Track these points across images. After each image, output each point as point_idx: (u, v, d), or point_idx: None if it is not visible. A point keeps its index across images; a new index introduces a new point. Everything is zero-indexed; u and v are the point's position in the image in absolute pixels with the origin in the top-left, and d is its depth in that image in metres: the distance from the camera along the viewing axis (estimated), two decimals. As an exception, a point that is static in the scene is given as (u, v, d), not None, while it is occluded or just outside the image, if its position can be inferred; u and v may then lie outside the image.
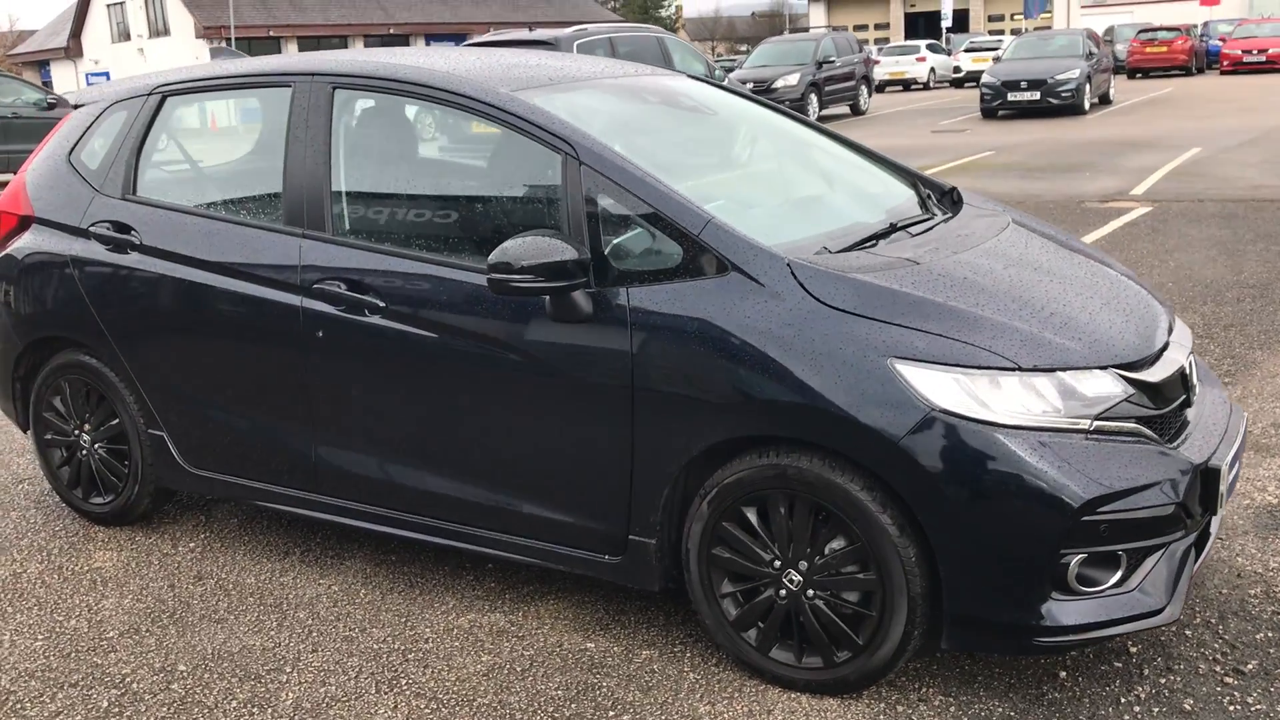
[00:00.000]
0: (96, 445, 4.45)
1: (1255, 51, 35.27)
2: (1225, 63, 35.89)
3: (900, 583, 2.99)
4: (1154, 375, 3.14)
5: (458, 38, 54.06)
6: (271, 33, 47.06)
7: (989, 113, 23.30)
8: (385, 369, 3.65)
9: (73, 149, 4.45)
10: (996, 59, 26.63)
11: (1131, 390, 3.05)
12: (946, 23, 41.81)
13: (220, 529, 4.49)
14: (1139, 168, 14.14)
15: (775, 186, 4.07)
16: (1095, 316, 3.24)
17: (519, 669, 3.40)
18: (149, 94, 4.31)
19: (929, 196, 4.12)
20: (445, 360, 3.53)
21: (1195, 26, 40.95)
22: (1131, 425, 3.01)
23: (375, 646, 3.56)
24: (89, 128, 4.45)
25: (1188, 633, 3.40)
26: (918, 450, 2.89)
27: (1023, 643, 2.96)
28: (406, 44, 52.56)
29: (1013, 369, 2.95)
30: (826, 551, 3.10)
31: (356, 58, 3.97)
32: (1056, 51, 23.95)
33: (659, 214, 3.27)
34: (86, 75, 52.61)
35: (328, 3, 50.39)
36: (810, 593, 3.14)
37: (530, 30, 14.38)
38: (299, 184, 3.83)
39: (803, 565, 3.13)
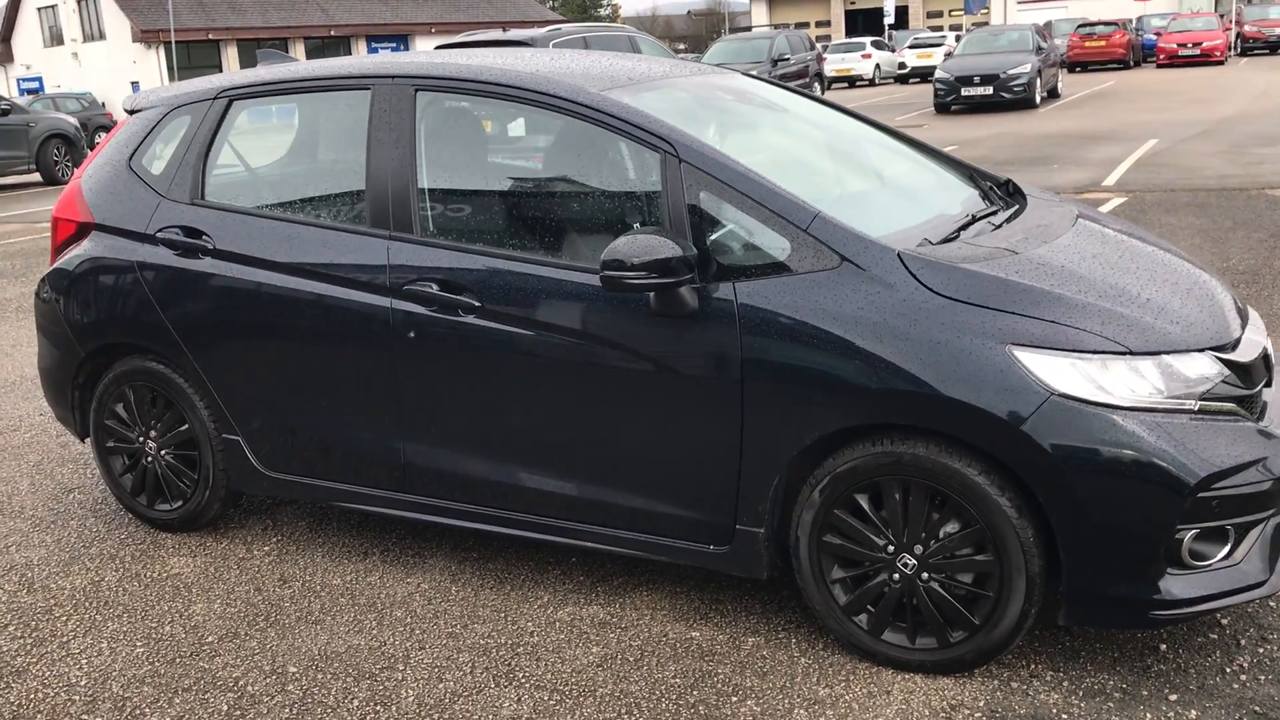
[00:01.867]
0: (163, 451, 4.43)
1: (1190, 45, 36.15)
2: (1161, 56, 36.74)
3: (1019, 562, 3.10)
4: (1243, 356, 3.27)
5: (400, 39, 53.73)
6: (211, 35, 46.41)
7: (943, 108, 23.66)
8: (481, 368, 3.69)
9: (133, 154, 4.43)
10: (947, 55, 27.03)
11: (1226, 371, 3.18)
12: (889, 19, 42.32)
13: (291, 531, 4.50)
14: (1104, 159, 14.46)
15: (854, 180, 4.16)
16: (1184, 302, 3.36)
17: (631, 659, 3.45)
18: (215, 98, 4.30)
19: (991, 188, 4.24)
20: (544, 358, 3.58)
21: (1131, 21, 41.80)
22: (1230, 405, 3.14)
23: (481, 642, 3.59)
24: (150, 133, 4.43)
25: (1271, 604, 3.54)
26: (1039, 434, 3.00)
27: (1140, 617, 3.08)
28: (347, 46, 52.10)
29: (1123, 353, 3.06)
30: (941, 535, 3.19)
31: (436, 60, 4.00)
32: (1007, 47, 24.40)
33: (765, 209, 3.34)
34: (18, 81, 51.49)
35: (266, 5, 49.78)
36: (925, 576, 3.23)
37: (504, 30, 14.37)
38: (383, 185, 3.85)
39: (918, 549, 3.22)
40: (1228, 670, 3.22)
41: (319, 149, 4.49)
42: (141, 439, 4.47)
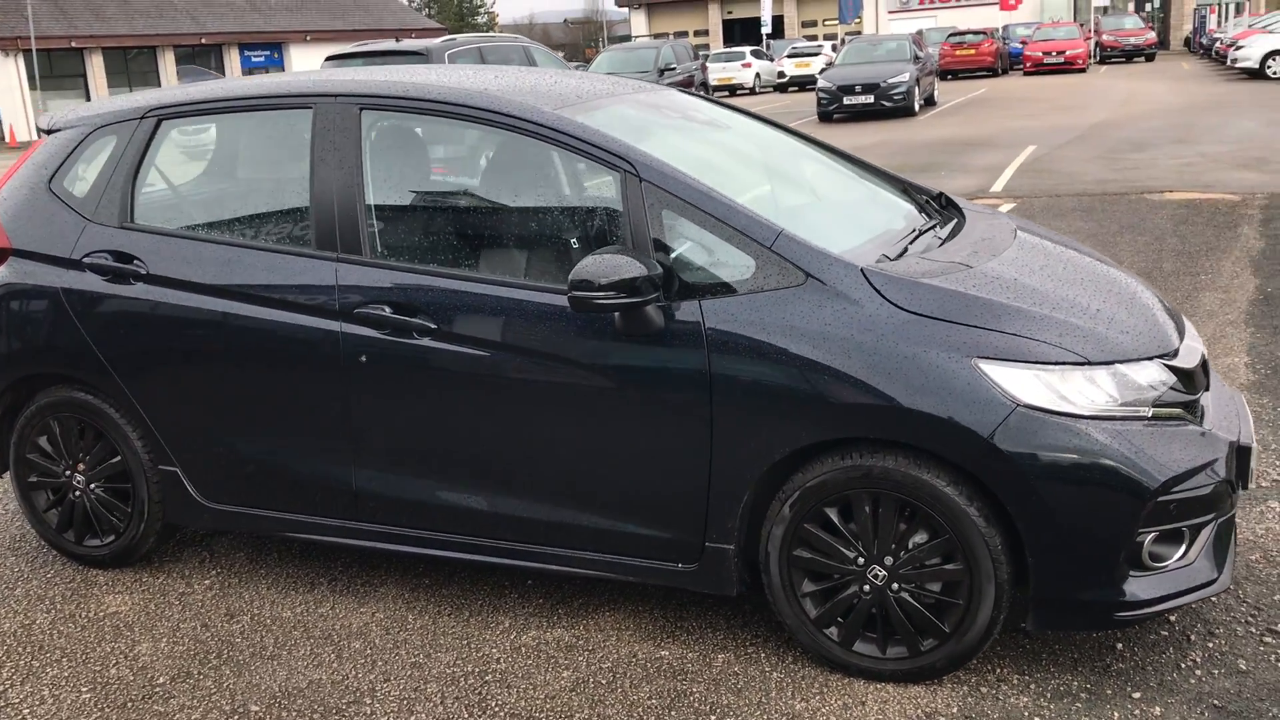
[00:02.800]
0: (93, 485, 4.26)
1: (1054, 53, 37.51)
2: (1028, 64, 38.04)
3: (988, 570, 3.17)
4: (1186, 363, 3.40)
5: (274, 47, 52.65)
6: (74, 44, 44.79)
7: (825, 116, 24.11)
8: (438, 391, 3.63)
9: (53, 176, 4.25)
10: (829, 64, 27.55)
11: (1173, 379, 3.30)
12: (766, 29, 42.96)
13: (230, 564, 4.36)
14: (987, 166, 14.90)
15: (801, 196, 4.20)
16: (1129, 312, 3.48)
17: (604, 682, 3.43)
18: (142, 117, 4.15)
19: (926, 201, 4.33)
20: (505, 379, 3.54)
21: (998, 30, 43.17)
22: (1178, 411, 3.27)
23: (448, 671, 3.53)
24: (71, 154, 4.25)
25: (1214, 600, 3.69)
26: (1006, 445, 3.07)
27: (1105, 618, 3.18)
28: (219, 55, 50.83)
29: (1081, 363, 3.16)
30: (911, 545, 3.25)
31: (379, 78, 3.92)
32: (886, 56, 24.98)
33: (727, 227, 3.36)
34: None
35: (133, 11, 48.25)
36: (895, 586, 3.28)
37: (398, 41, 14.18)
38: (328, 206, 3.77)
39: (888, 560, 3.27)
40: (1183, 666, 3.34)
41: (255, 170, 4.36)
42: (68, 472, 4.29)
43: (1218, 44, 36.43)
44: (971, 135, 19.06)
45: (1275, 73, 28.74)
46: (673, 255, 3.42)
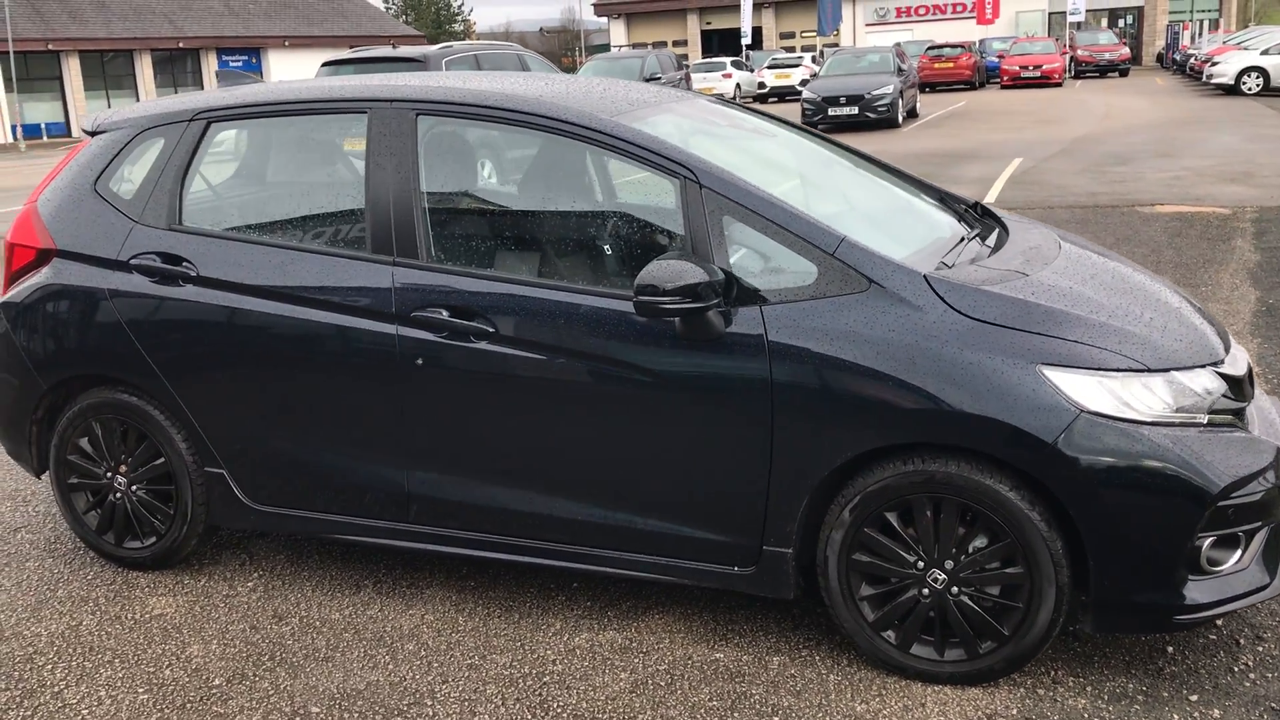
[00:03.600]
0: (134, 487, 4.25)
1: (1031, 67, 37.88)
2: (1005, 78, 38.40)
3: (1049, 573, 3.22)
4: (1236, 370, 3.47)
5: (252, 51, 52.46)
6: (51, 46, 44.49)
7: (810, 127, 24.22)
8: (496, 394, 3.65)
9: (99, 177, 4.24)
10: (812, 75, 27.71)
11: (1224, 386, 3.37)
12: (746, 40, 43.19)
13: (271, 565, 4.36)
14: (978, 178, 15.04)
15: (848, 204, 4.25)
16: (1179, 320, 3.55)
17: (663, 683, 3.46)
18: (190, 119, 4.16)
19: (966, 210, 4.39)
20: (562, 383, 3.57)
21: (974, 44, 43.54)
22: (1230, 418, 3.33)
23: (505, 673, 3.55)
24: (117, 155, 4.25)
25: (1258, 605, 3.74)
26: (1070, 450, 3.12)
27: (1163, 622, 3.23)
28: (196, 59, 50.58)
29: (1141, 370, 3.22)
30: (971, 549, 3.30)
31: (435, 83, 3.95)
32: (869, 68, 25.18)
33: (789, 233, 3.41)
34: None
35: (110, 14, 47.98)
36: (955, 590, 3.33)
37: (394, 47, 14.18)
38: (384, 210, 3.79)
39: (948, 564, 3.32)
40: (1235, 669, 3.40)
41: (307, 173, 4.37)
42: (109, 474, 4.28)
43: (1192, 60, 36.89)
44: (957, 147, 19.22)
45: (1250, 89, 29.15)
46: (733, 261, 3.45)
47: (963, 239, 3.89)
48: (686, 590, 3.98)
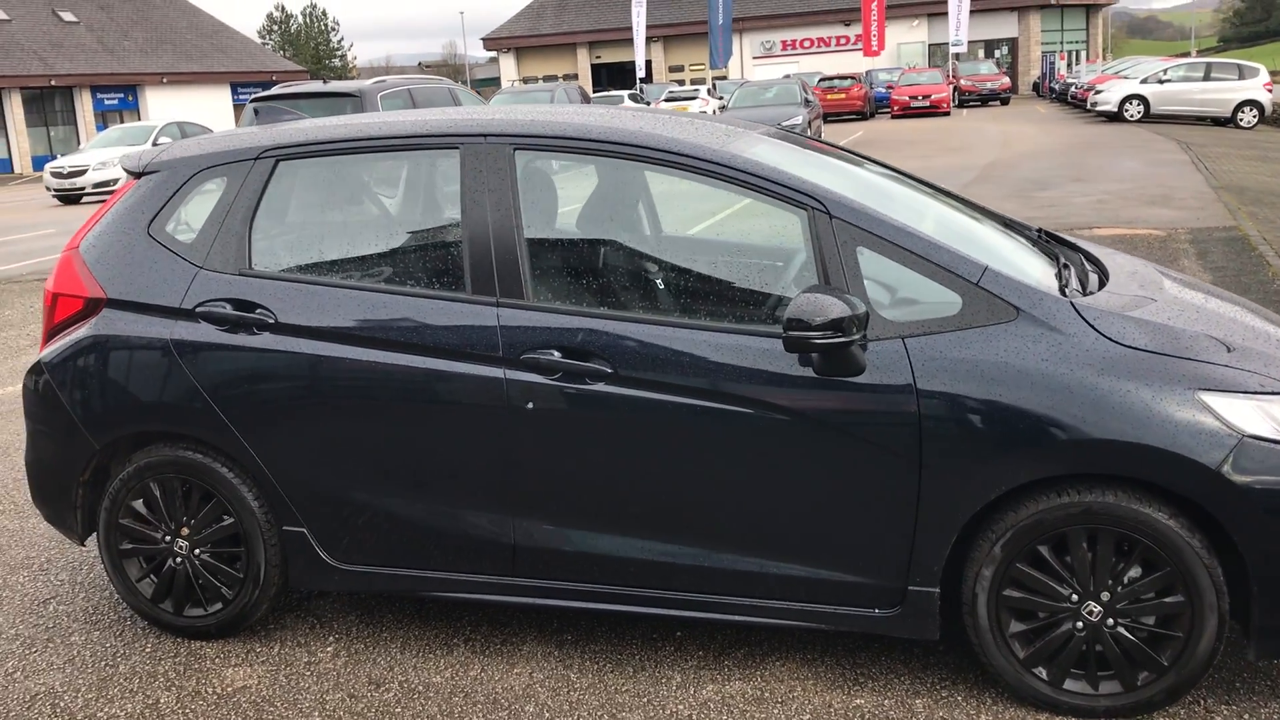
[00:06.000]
0: (198, 550, 3.96)
1: (920, 97, 38.89)
2: (895, 107, 39.34)
3: (1211, 601, 3.18)
4: (1357, 391, 3.49)
5: (128, 89, 50.93)
6: (-85, 85, 42.51)
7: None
8: (615, 437, 3.49)
9: (152, 220, 3.97)
10: (723, 107, 27.95)
11: (1350, 408, 3.39)
12: (641, 74, 43.46)
13: (344, 628, 4.10)
14: (908, 206, 15.24)
15: (952, 234, 4.19)
16: (1297, 342, 3.57)
17: (813, 734, 3.33)
18: (257, 158, 3.92)
19: (1040, 237, 4.38)
20: (690, 424, 3.43)
21: (863, 75, 44.55)
22: None
23: (642, 731, 3.38)
24: (171, 197, 3.98)
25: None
26: (1235, 476, 3.10)
27: (1328, 646, 3.22)
28: (70, 97, 48.88)
29: (1286, 394, 3.22)
30: (1127, 580, 3.24)
31: (530, 117, 3.79)
32: (777, 99, 25.51)
33: (930, 264, 3.34)
34: None
35: (-23, 52, 46.07)
36: (1111, 622, 3.27)
37: (325, 82, 13.84)
38: (484, 249, 3.61)
39: (1104, 596, 3.26)
40: (1379, 688, 3.41)
41: (392, 213, 4.15)
42: (169, 538, 3.98)
43: (1073, 88, 38.30)
44: (875, 176, 19.49)
45: (1132, 115, 30.37)
46: (869, 294, 3.37)
47: (1064, 265, 3.87)
48: (797, 635, 3.85)
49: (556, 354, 3.51)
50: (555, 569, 3.65)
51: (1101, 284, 3.70)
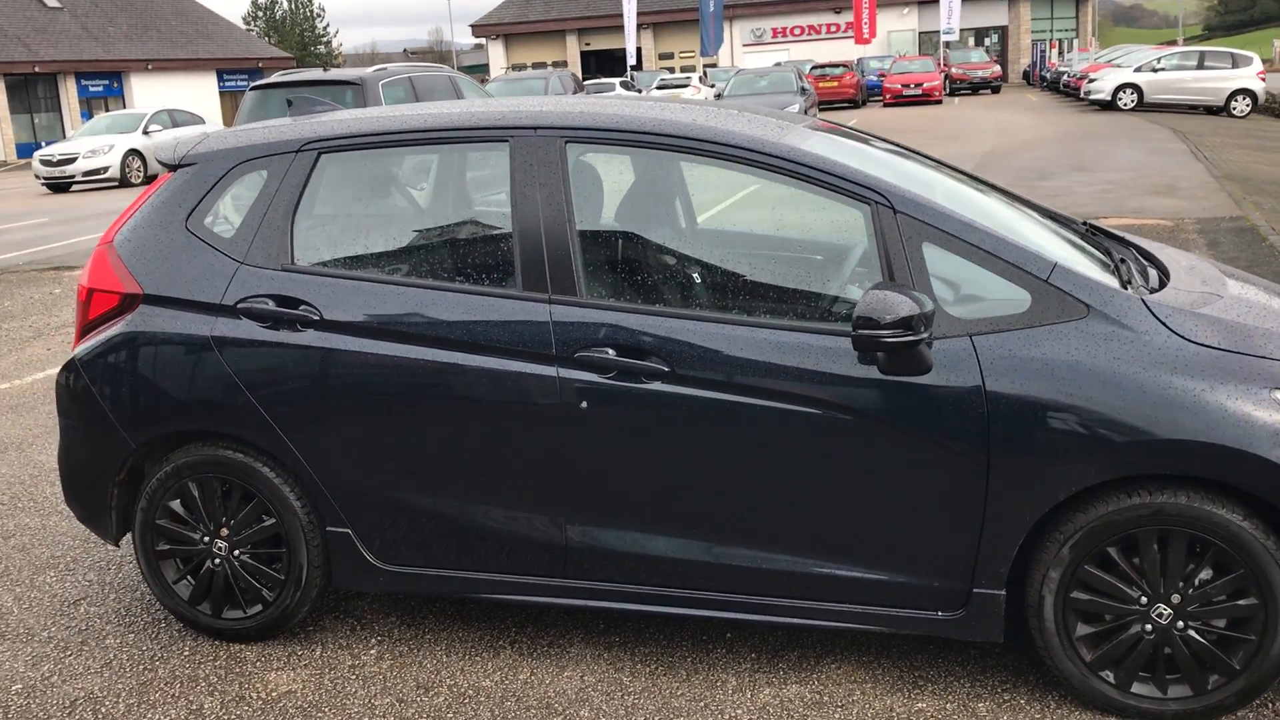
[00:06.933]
0: (237, 551, 3.87)
1: (912, 85, 38.86)
2: (888, 96, 39.30)
3: (1285, 603, 3.13)
4: None
5: (113, 75, 50.50)
6: (-103, 71, 42.04)
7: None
8: (672, 436, 3.42)
9: (190, 214, 3.87)
10: (718, 95, 27.85)
11: None
12: (632, 61, 43.33)
13: (385, 630, 4.02)
14: (911, 195, 15.19)
15: (1007, 228, 4.12)
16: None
17: (878, 739, 3.27)
18: (299, 150, 3.82)
19: (1087, 232, 4.31)
20: (749, 424, 3.36)
21: (854, 63, 44.46)
22: None
23: (702, 737, 3.31)
24: (210, 189, 3.88)
25: None
26: (1313, 476, 3.04)
27: (1399, 647, 3.17)
28: (54, 84, 48.44)
29: (1357, 392, 3.16)
30: (1198, 582, 3.19)
31: (581, 109, 3.70)
32: (772, 87, 25.44)
33: (998, 260, 3.27)
34: None
35: (-41, 38, 45.59)
36: (1181, 624, 3.21)
37: (325, 70, 13.70)
38: (535, 245, 3.53)
39: (1174, 598, 3.21)
40: None
41: (438, 207, 4.06)
42: (207, 539, 3.89)
43: (1065, 77, 38.28)
44: (874, 165, 19.43)
45: (1125, 104, 30.35)
46: (936, 290, 3.30)
47: (1120, 260, 3.80)
48: (850, 637, 3.80)
49: (611, 352, 3.43)
50: (608, 570, 3.58)
51: (1162, 280, 3.64)
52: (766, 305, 3.53)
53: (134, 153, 25.74)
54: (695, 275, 3.66)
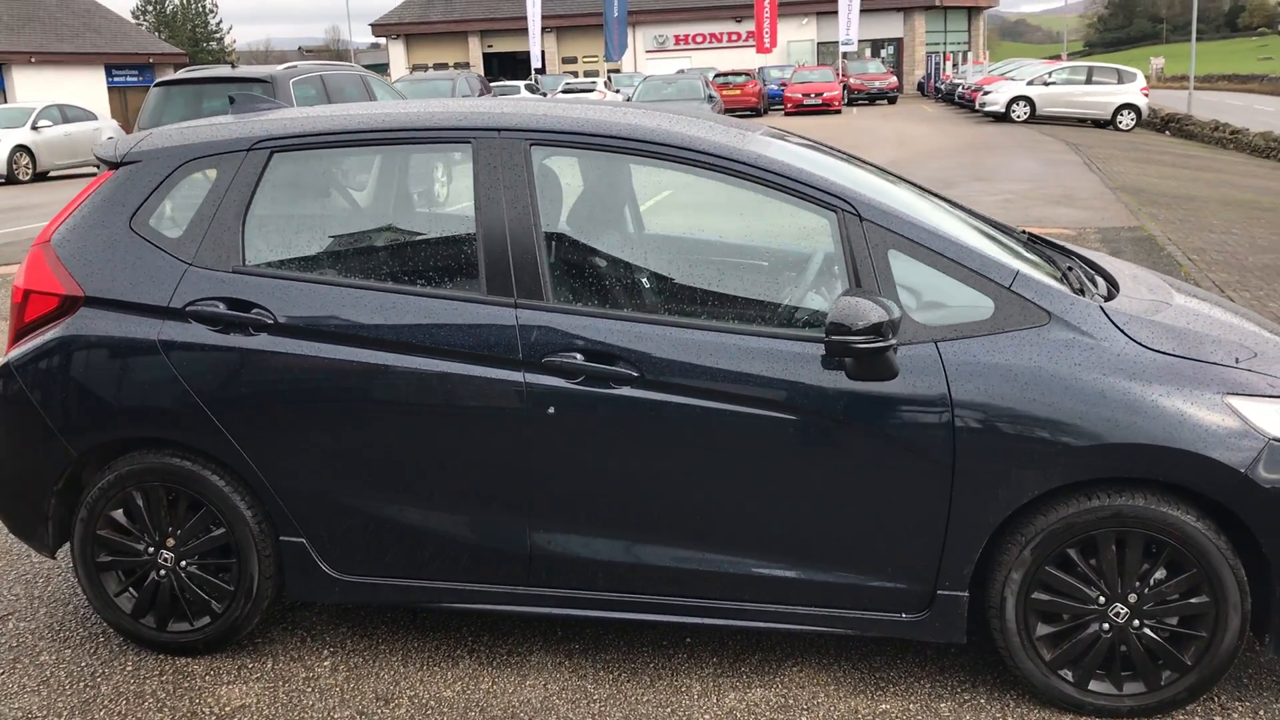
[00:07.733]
0: (184, 562, 3.75)
1: (813, 95, 39.39)
2: (789, 104, 39.78)
3: (1235, 601, 3.24)
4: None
5: (-7, 69, 48.63)
6: None
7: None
8: (640, 442, 3.41)
9: (134, 214, 3.74)
10: (628, 100, 27.89)
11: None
12: (537, 64, 43.18)
13: (338, 639, 3.93)
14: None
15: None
16: (1294, 347, 3.66)
17: (845, 741, 3.30)
18: (250, 149, 3.72)
19: (1028, 241, 4.41)
20: (717, 429, 3.36)
21: (756, 71, 44.94)
22: None
23: (672, 743, 3.31)
24: (156, 189, 3.76)
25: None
26: (1261, 478, 3.16)
27: (1344, 643, 3.31)
28: (-68, 75, 46.46)
29: (1303, 397, 3.29)
30: (1153, 582, 3.29)
31: (546, 111, 3.67)
32: (680, 93, 25.58)
33: (962, 267, 3.33)
34: None
35: None
36: (1136, 623, 3.31)
37: (233, 67, 13.38)
38: (500, 249, 3.49)
39: (1131, 598, 3.30)
40: (1382, 682, 3.52)
41: (396, 209, 3.98)
42: (152, 549, 3.76)
43: (960, 89, 39.21)
44: (781, 172, 19.65)
45: (1019, 116, 31.21)
46: (902, 297, 3.34)
47: (1068, 268, 3.89)
48: (810, 640, 3.82)
49: (579, 357, 3.41)
50: (574, 578, 3.55)
51: (1110, 289, 3.74)
52: (735, 311, 3.54)
53: (21, 149, 24.80)
54: (660, 281, 3.65)
